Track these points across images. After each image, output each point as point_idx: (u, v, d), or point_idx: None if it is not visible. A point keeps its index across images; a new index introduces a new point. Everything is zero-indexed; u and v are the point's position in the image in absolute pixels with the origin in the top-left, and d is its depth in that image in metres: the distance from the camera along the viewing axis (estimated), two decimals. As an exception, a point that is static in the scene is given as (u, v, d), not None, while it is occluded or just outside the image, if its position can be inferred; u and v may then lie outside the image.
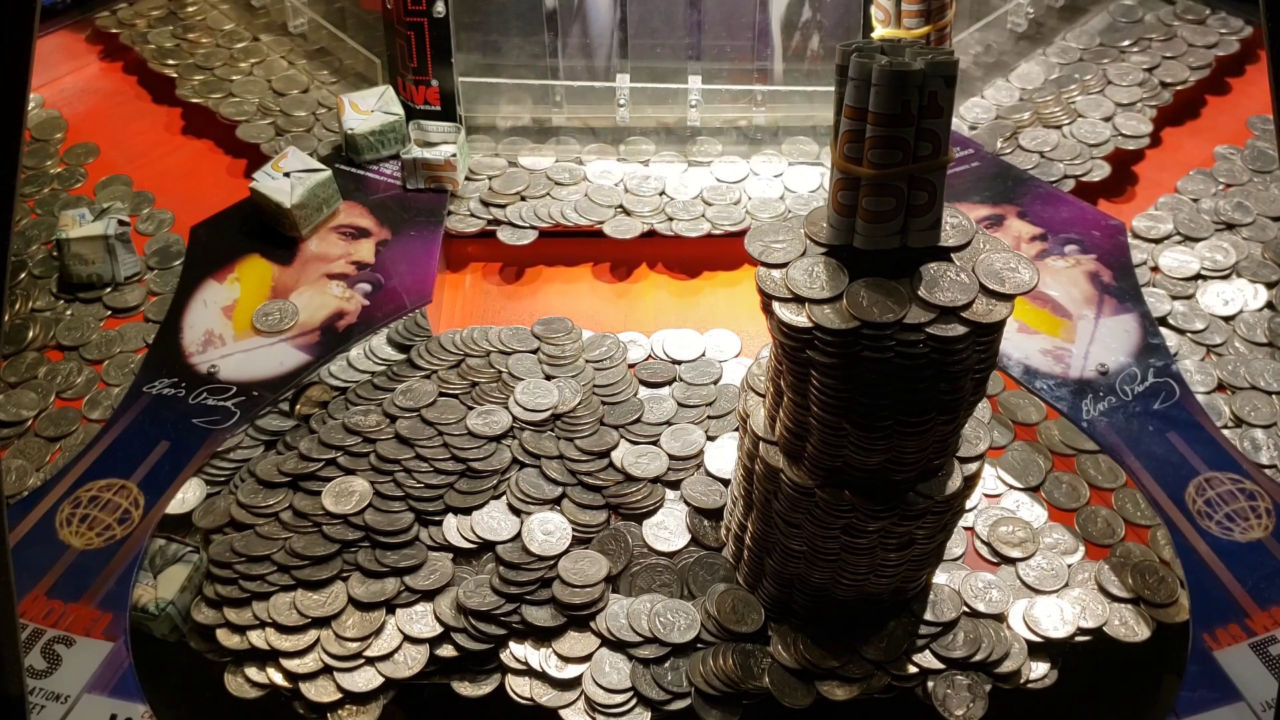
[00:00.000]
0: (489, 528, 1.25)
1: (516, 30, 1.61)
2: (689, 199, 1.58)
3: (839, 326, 0.95)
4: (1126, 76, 1.75)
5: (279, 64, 1.79)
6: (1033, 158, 1.62)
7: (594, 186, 1.59)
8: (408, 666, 1.17)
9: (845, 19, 1.61)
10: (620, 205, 1.57)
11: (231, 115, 1.70)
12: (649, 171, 1.61)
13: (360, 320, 1.40)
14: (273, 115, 1.70)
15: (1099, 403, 1.31)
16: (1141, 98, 1.71)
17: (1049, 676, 1.17)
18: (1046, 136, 1.66)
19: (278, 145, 1.63)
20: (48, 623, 1.13)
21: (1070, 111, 1.69)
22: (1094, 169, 1.62)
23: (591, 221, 1.54)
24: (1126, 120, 1.68)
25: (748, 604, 1.20)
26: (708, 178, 1.62)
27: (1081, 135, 1.66)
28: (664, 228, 1.54)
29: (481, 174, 1.61)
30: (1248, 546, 1.19)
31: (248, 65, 1.79)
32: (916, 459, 1.03)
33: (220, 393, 1.32)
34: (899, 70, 0.89)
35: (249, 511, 1.27)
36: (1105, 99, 1.71)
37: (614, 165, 1.63)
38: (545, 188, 1.59)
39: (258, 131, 1.68)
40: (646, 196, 1.58)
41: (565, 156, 1.64)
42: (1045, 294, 1.41)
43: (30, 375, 1.41)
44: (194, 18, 1.87)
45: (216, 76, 1.76)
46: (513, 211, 1.56)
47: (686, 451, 1.33)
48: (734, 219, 1.55)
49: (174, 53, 1.81)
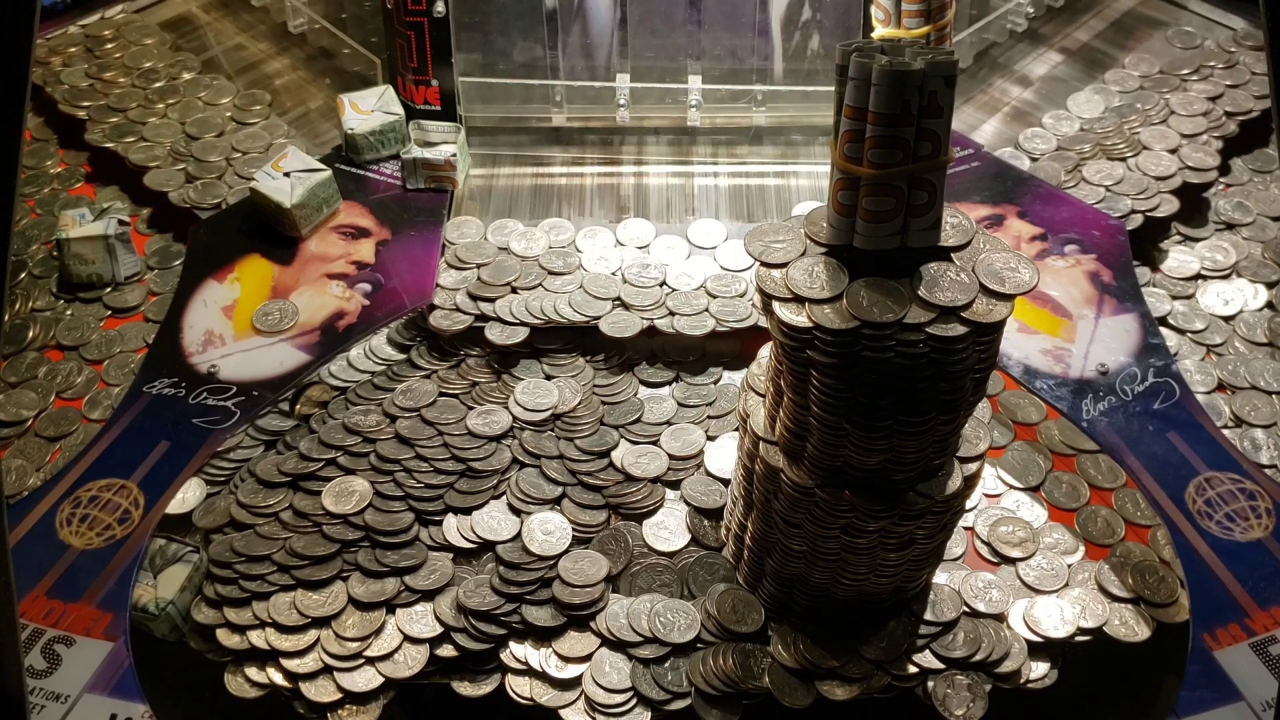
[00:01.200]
0: (489, 528, 1.25)
1: (516, 30, 1.61)
2: (691, 290, 1.45)
3: (839, 326, 0.95)
4: (1190, 106, 1.68)
5: (195, 105, 1.71)
6: (1098, 191, 1.56)
7: (590, 276, 1.46)
8: (408, 666, 1.17)
9: (845, 19, 1.61)
10: (618, 297, 1.44)
11: (141, 161, 1.62)
12: (649, 259, 1.49)
13: (360, 320, 1.40)
14: (184, 161, 1.62)
15: (1099, 403, 1.31)
16: (1207, 128, 1.65)
17: (1049, 676, 1.17)
18: (1111, 170, 1.59)
19: (187, 194, 1.57)
20: (48, 623, 1.13)
21: (1133, 143, 1.63)
22: (1162, 203, 1.55)
23: (587, 317, 1.42)
24: (1192, 152, 1.61)
25: (748, 604, 1.20)
26: (712, 265, 1.49)
27: (1147, 168, 1.59)
28: (664, 324, 1.42)
29: (470, 262, 1.47)
30: (1248, 546, 1.19)
31: (163, 106, 1.71)
32: (916, 459, 1.03)
33: (220, 393, 1.32)
34: (899, 70, 0.89)
35: (249, 511, 1.27)
36: (1169, 130, 1.65)
37: (611, 251, 1.50)
38: (538, 277, 1.46)
39: (167, 179, 1.60)
40: (646, 288, 1.45)
41: (559, 237, 1.52)
42: (1045, 294, 1.41)
43: (30, 375, 1.41)
44: (112, 54, 1.79)
45: (129, 120, 1.68)
46: (502, 306, 1.42)
47: (686, 451, 1.33)
48: (739, 314, 1.42)
49: (87, 94, 1.72)
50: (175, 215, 1.58)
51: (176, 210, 1.57)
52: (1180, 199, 1.56)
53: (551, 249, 1.51)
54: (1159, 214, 1.54)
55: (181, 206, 1.57)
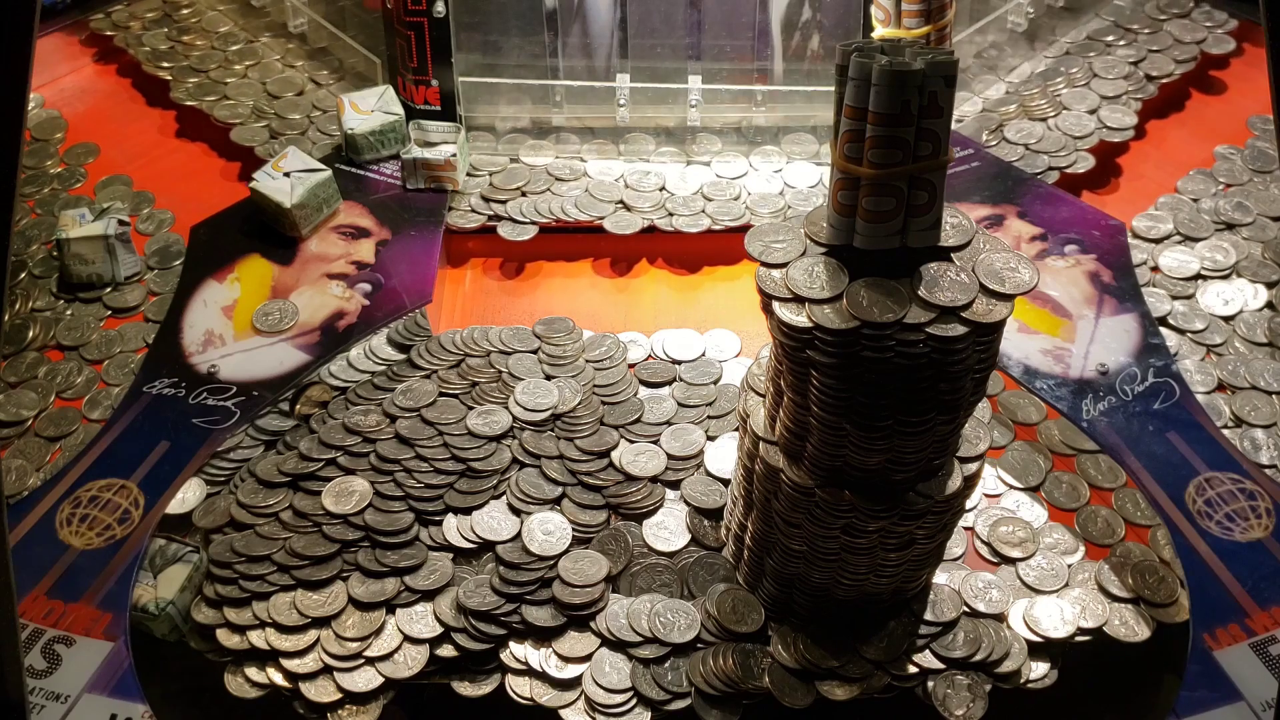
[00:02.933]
0: (489, 528, 1.25)
1: (516, 30, 1.61)
2: (689, 195, 1.59)
3: (839, 326, 0.95)
4: (1112, 70, 1.74)
5: (274, 66, 1.78)
6: (1018, 150, 1.62)
7: (594, 182, 1.60)
8: (408, 667, 1.17)
9: (845, 19, 1.61)
10: (621, 201, 1.57)
11: (226, 118, 1.69)
12: (649, 168, 1.62)
13: (360, 320, 1.40)
14: (267, 118, 1.69)
15: (1099, 403, 1.31)
16: (1127, 90, 1.71)
17: (1049, 676, 1.17)
18: (1032, 129, 1.65)
19: (272, 148, 1.63)
20: (48, 623, 1.13)
21: (1056, 104, 1.69)
22: (1078, 161, 1.61)
23: (592, 217, 1.55)
24: (1111, 113, 1.68)
25: (748, 604, 1.20)
26: (708, 174, 1.62)
27: (1066, 128, 1.66)
28: (664, 223, 1.55)
29: (482, 170, 1.61)
30: (1248, 546, 1.19)
31: (243, 68, 1.78)
32: (916, 459, 1.03)
33: (220, 393, 1.32)
34: (899, 70, 0.89)
35: (249, 511, 1.27)
36: (1091, 92, 1.71)
37: (615, 163, 1.63)
38: (546, 183, 1.59)
39: (252, 134, 1.67)
40: (647, 192, 1.58)
41: (565, 153, 1.64)
42: (1045, 294, 1.41)
43: (30, 375, 1.41)
44: (189, 20, 1.86)
45: (211, 79, 1.75)
46: (513, 207, 1.56)
47: (686, 451, 1.33)
48: (734, 215, 1.56)
49: (168, 55, 1.79)
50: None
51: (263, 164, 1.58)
52: (1097, 158, 1.62)
53: (558, 159, 1.64)
54: (1075, 171, 1.61)
55: (267, 160, 1.58)
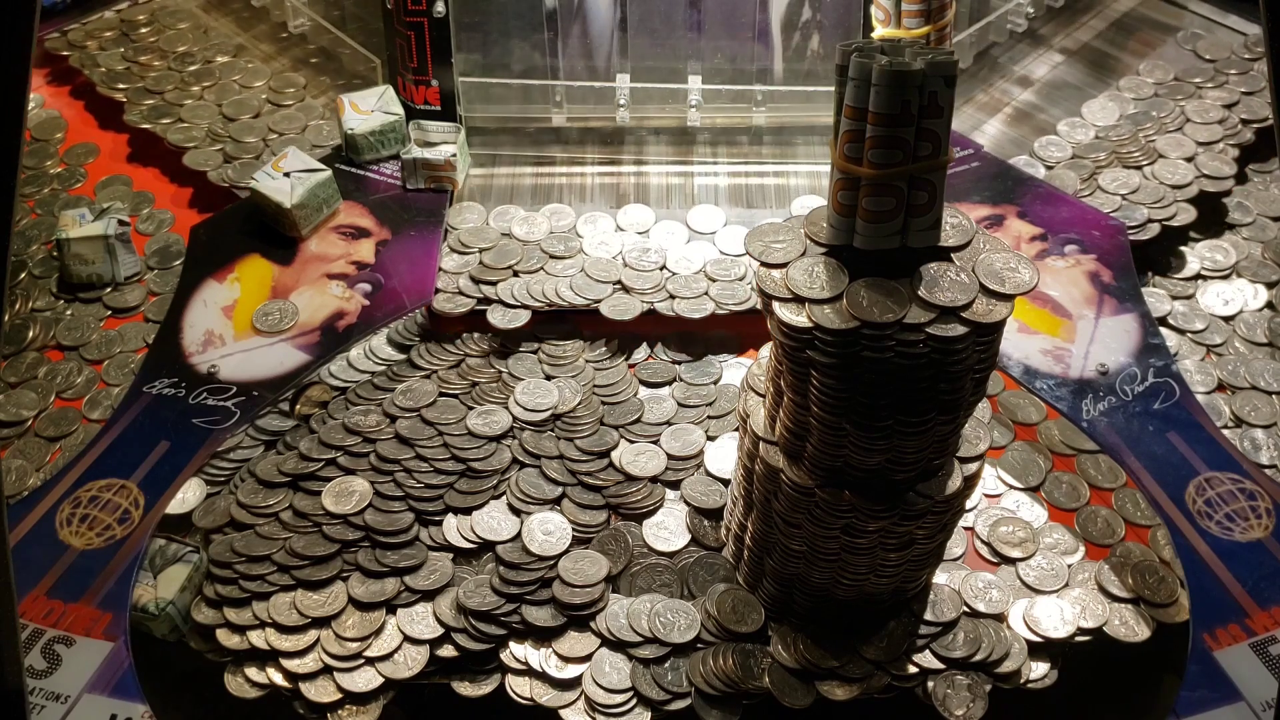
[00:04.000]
0: (489, 528, 1.25)
1: (516, 30, 1.61)
2: (691, 274, 1.47)
3: (839, 326, 0.95)
4: (1205, 114, 1.66)
5: (231, 87, 1.73)
6: (1114, 200, 1.55)
7: (591, 261, 1.48)
8: (408, 667, 1.17)
9: (845, 19, 1.61)
10: (619, 281, 1.46)
11: (179, 142, 1.64)
12: (649, 243, 1.51)
13: (360, 320, 1.40)
14: (222, 142, 1.65)
15: (1099, 403, 1.31)
16: (1223, 135, 1.63)
17: (1049, 676, 1.17)
18: (1128, 178, 1.57)
19: (225, 174, 1.59)
20: (48, 623, 1.13)
21: (1149, 151, 1.62)
22: (1179, 213, 1.53)
23: (588, 300, 1.43)
24: (1209, 160, 1.60)
25: (748, 604, 1.20)
26: (711, 251, 1.50)
27: (1163, 177, 1.58)
28: (665, 307, 1.43)
29: (472, 246, 1.50)
30: (1248, 546, 1.19)
31: (199, 89, 1.73)
32: (916, 459, 1.03)
33: (220, 393, 1.32)
34: (899, 70, 0.89)
35: (249, 511, 1.27)
36: (1185, 137, 1.63)
37: (612, 236, 1.52)
38: (539, 261, 1.48)
39: (206, 159, 1.62)
40: (646, 271, 1.46)
41: (560, 223, 1.54)
42: (1045, 294, 1.41)
43: (30, 375, 1.41)
44: (147, 39, 1.81)
45: (166, 101, 1.71)
46: (504, 289, 1.44)
47: (686, 451, 1.33)
48: (739, 297, 1.44)
49: (124, 76, 1.75)
50: (214, 195, 1.59)
51: (215, 190, 1.58)
52: (1197, 208, 1.54)
53: (553, 234, 1.52)
54: (1175, 223, 1.53)
55: (220, 185, 1.58)
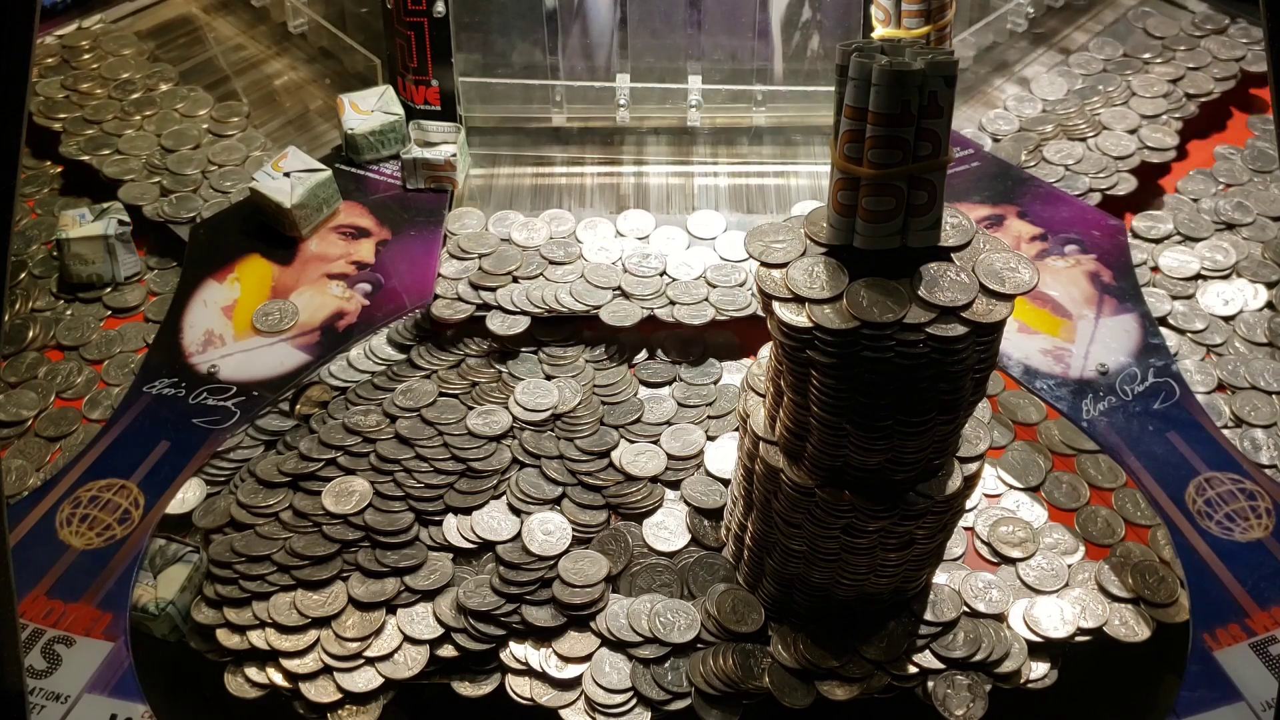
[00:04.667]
0: (489, 528, 1.25)
1: (516, 30, 1.61)
2: (691, 280, 1.46)
3: (839, 326, 0.95)
4: (1151, 88, 1.71)
5: (172, 116, 1.69)
6: (1058, 170, 1.59)
7: (591, 267, 1.47)
8: (408, 667, 1.17)
9: (845, 19, 1.61)
10: (618, 287, 1.45)
11: (115, 175, 1.60)
12: (649, 249, 1.50)
13: (360, 320, 1.40)
14: (160, 174, 1.60)
15: (1099, 403, 1.31)
16: (1167, 109, 1.67)
17: (1049, 676, 1.17)
18: (1071, 149, 1.62)
19: (161, 208, 1.56)
20: (48, 623, 1.13)
21: (1095, 124, 1.65)
22: (1120, 182, 1.58)
23: (587, 306, 1.43)
24: (1152, 132, 1.64)
25: (748, 604, 1.20)
26: (711, 257, 1.50)
27: (1107, 148, 1.62)
28: (664, 313, 1.43)
29: (472, 252, 1.49)
30: (1248, 546, 1.19)
31: (140, 119, 1.69)
32: (916, 459, 1.03)
33: (220, 393, 1.32)
34: (899, 70, 0.89)
35: (249, 511, 1.27)
36: (1130, 111, 1.68)
37: (612, 241, 1.51)
38: (539, 267, 1.47)
39: (142, 192, 1.58)
40: (646, 278, 1.46)
41: (560, 228, 1.53)
42: (1045, 294, 1.41)
43: (30, 375, 1.41)
44: (89, 65, 1.77)
45: (104, 131, 1.66)
46: (503, 295, 1.44)
47: (686, 451, 1.33)
48: (739, 303, 1.44)
49: (63, 105, 1.71)
50: (150, 228, 1.56)
51: (151, 224, 1.55)
52: (1139, 178, 1.59)
53: (552, 239, 1.52)
54: (1117, 193, 1.57)
55: (156, 220, 1.55)
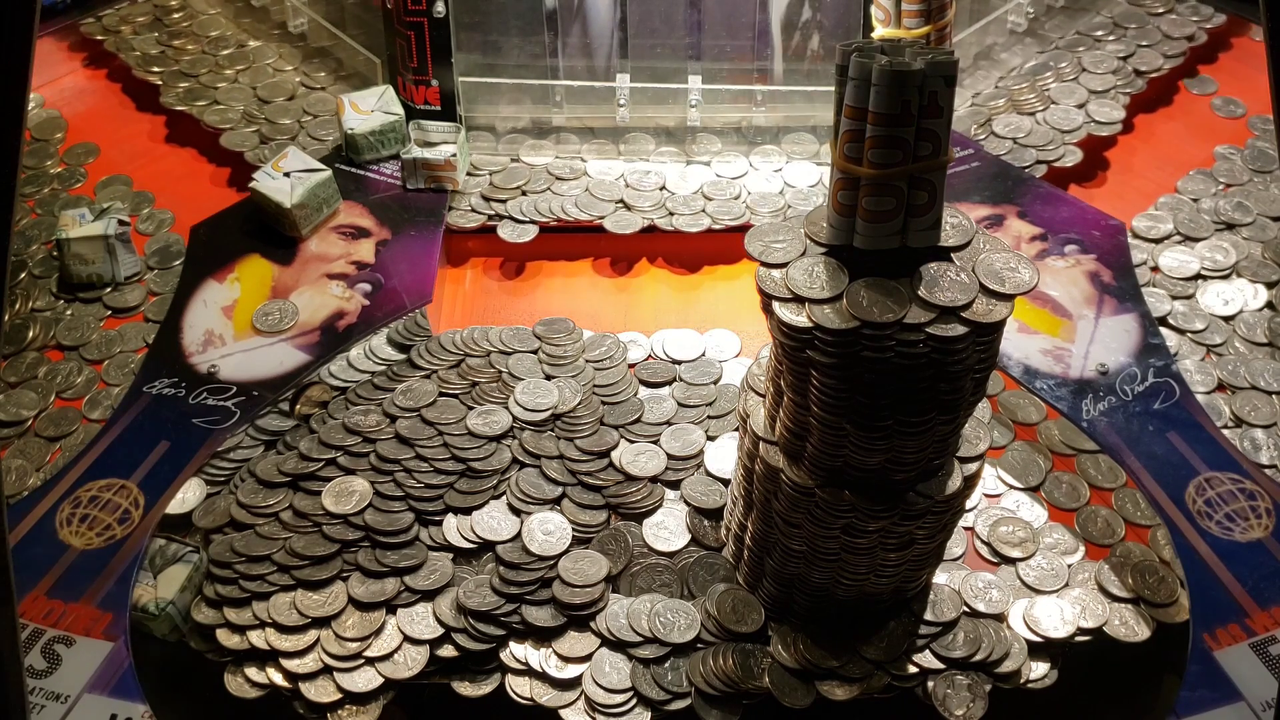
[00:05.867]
0: (489, 528, 1.25)
1: (516, 30, 1.61)
2: (689, 194, 1.59)
3: (839, 326, 0.95)
4: (1101, 65, 1.75)
5: (265, 70, 1.77)
6: (1005, 144, 1.63)
7: (595, 182, 1.60)
8: (408, 667, 1.17)
9: (845, 19, 1.61)
10: (621, 200, 1.57)
11: (216, 123, 1.68)
12: (649, 167, 1.62)
13: (360, 320, 1.40)
14: (258, 123, 1.68)
15: (1099, 403, 1.31)
16: (1115, 85, 1.72)
17: (1049, 676, 1.17)
18: (1020, 123, 1.66)
19: (262, 154, 1.62)
20: (48, 623, 1.13)
21: (1044, 99, 1.69)
22: (1066, 154, 1.62)
23: (592, 216, 1.55)
24: (1099, 107, 1.68)
25: (748, 604, 1.20)
26: (708, 174, 1.62)
27: (1054, 122, 1.66)
28: (664, 223, 1.55)
29: (482, 169, 1.61)
30: (1248, 546, 1.19)
31: (233, 72, 1.76)
32: (916, 459, 1.03)
33: (220, 393, 1.32)
34: (899, 70, 0.89)
35: (249, 511, 1.27)
36: (1079, 87, 1.72)
37: (615, 163, 1.63)
38: (546, 183, 1.60)
39: (243, 140, 1.65)
40: (647, 191, 1.58)
41: (566, 153, 1.64)
42: (1045, 294, 1.41)
43: (30, 375, 1.41)
44: (180, 24, 1.85)
45: (201, 84, 1.74)
46: (513, 206, 1.56)
47: (686, 451, 1.33)
48: (734, 214, 1.56)
49: (159, 60, 1.78)
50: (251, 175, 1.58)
51: (252, 170, 1.58)
52: (1084, 152, 1.62)
53: (559, 158, 1.64)
54: (1063, 164, 1.61)
55: (257, 166, 1.59)
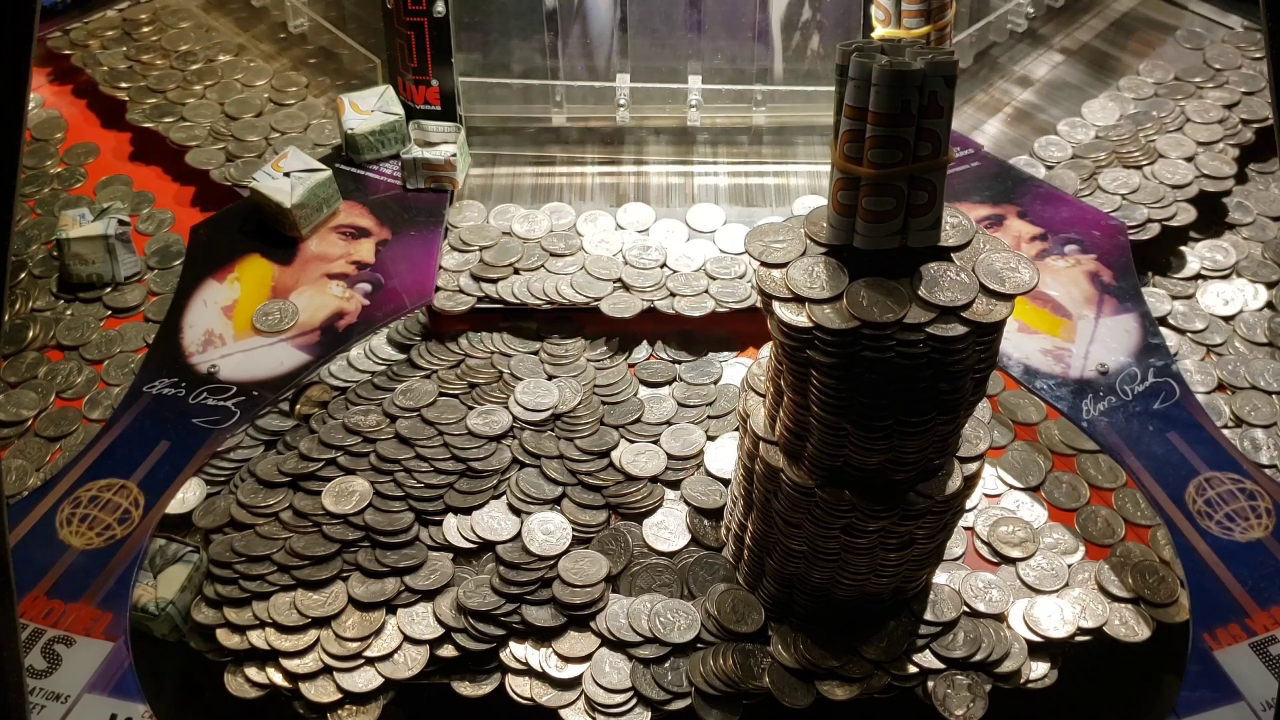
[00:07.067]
0: (489, 528, 1.25)
1: (516, 30, 1.61)
2: (691, 272, 1.48)
3: (839, 326, 0.95)
4: (1206, 113, 1.66)
5: (234, 86, 1.74)
6: (1114, 199, 1.55)
7: (591, 258, 1.49)
8: (408, 667, 1.17)
9: (845, 19, 1.61)
10: (619, 279, 1.46)
11: (182, 140, 1.65)
12: (649, 241, 1.51)
13: (360, 320, 1.40)
14: (224, 140, 1.65)
15: (1099, 403, 1.31)
16: (1223, 135, 1.63)
17: (1049, 676, 1.17)
18: (1128, 178, 1.57)
19: (228, 172, 1.59)
20: (48, 623, 1.13)
21: (1150, 151, 1.61)
22: (1179, 212, 1.53)
23: (588, 298, 1.44)
24: (1209, 160, 1.60)
25: (748, 604, 1.20)
26: (711, 248, 1.51)
27: (1164, 177, 1.57)
28: (665, 305, 1.44)
29: (473, 244, 1.50)
30: (1248, 546, 1.19)
31: (201, 88, 1.73)
32: (916, 459, 1.03)
33: (220, 392, 1.32)
34: (899, 70, 0.89)
35: (249, 511, 1.27)
36: (1185, 137, 1.63)
37: (612, 234, 1.53)
38: (540, 259, 1.48)
39: (209, 157, 1.62)
40: (647, 269, 1.47)
41: (560, 221, 1.54)
42: (1045, 294, 1.41)
43: (30, 375, 1.42)
44: (149, 38, 1.82)
45: (169, 100, 1.71)
46: (505, 288, 1.45)
47: (686, 451, 1.33)
48: (739, 295, 1.45)
49: (126, 75, 1.75)
50: (216, 194, 1.59)
51: (218, 188, 1.58)
52: (1197, 208, 1.54)
53: (553, 232, 1.53)
54: (1175, 223, 1.53)
55: (223, 184, 1.58)
